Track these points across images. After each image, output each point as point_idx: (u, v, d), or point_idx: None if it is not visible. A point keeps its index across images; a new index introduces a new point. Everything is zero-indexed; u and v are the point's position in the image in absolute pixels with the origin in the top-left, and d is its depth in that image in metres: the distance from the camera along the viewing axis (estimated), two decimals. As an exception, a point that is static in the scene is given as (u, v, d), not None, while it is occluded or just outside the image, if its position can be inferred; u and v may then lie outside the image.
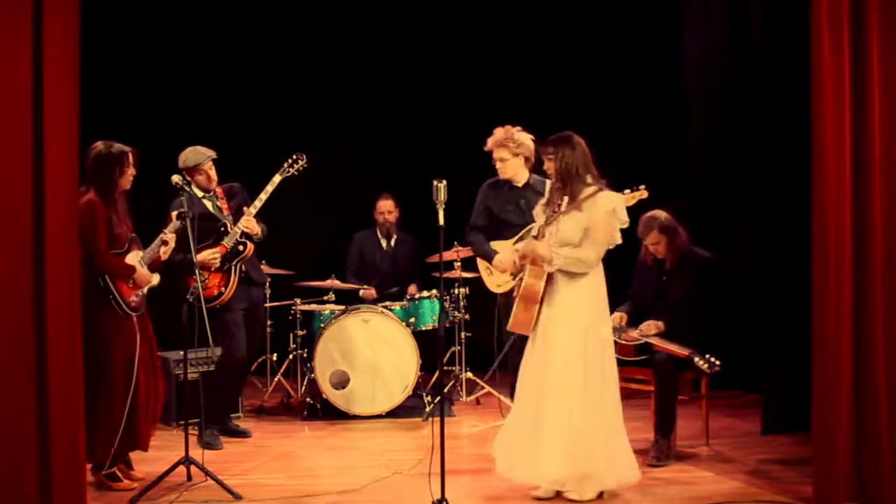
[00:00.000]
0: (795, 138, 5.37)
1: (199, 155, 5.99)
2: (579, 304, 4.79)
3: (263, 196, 6.06)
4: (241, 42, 8.40)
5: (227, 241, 6.01)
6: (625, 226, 4.88)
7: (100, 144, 5.12)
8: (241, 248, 6.06)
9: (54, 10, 4.08)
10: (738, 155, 7.26)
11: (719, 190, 7.60)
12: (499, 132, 6.34)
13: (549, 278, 4.83)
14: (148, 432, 5.17)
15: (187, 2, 8.24)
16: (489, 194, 6.48)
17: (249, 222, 6.03)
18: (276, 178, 6.10)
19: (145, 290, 5.16)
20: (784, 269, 5.98)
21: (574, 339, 4.75)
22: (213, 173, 6.04)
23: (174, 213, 5.38)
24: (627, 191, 6.07)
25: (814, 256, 4.53)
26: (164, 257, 5.32)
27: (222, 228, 6.04)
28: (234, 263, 6.04)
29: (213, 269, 5.97)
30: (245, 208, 6.08)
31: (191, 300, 5.15)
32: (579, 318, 4.76)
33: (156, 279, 5.24)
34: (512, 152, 6.30)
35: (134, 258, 5.14)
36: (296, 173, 6.18)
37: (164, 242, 5.28)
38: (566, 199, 4.86)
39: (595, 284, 4.85)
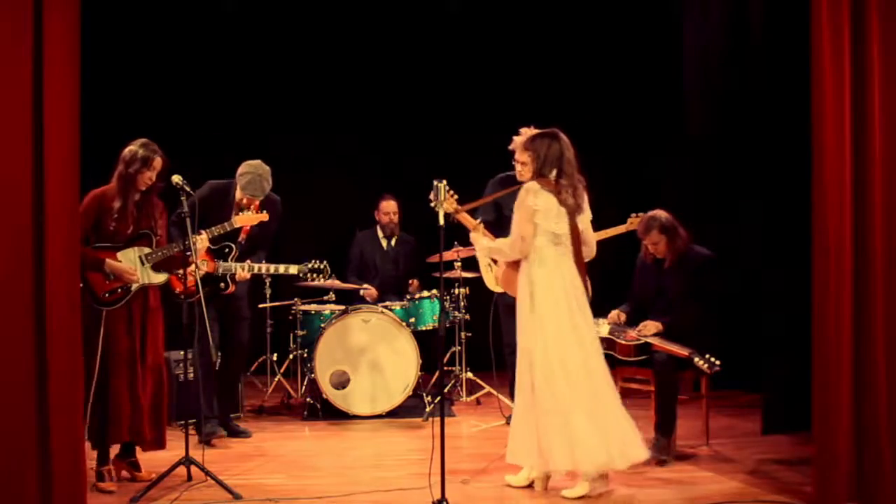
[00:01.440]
0: (795, 138, 5.37)
1: (255, 190, 5.96)
2: (520, 292, 4.97)
3: (272, 269, 6.07)
4: (245, 42, 8.41)
5: (220, 268, 5.95)
6: (538, 210, 4.82)
7: (137, 142, 5.13)
8: (221, 284, 5.97)
9: (55, 9, 4.08)
10: (738, 155, 7.26)
11: (719, 190, 7.60)
12: (522, 134, 6.28)
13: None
14: (138, 428, 5.08)
15: (190, 1, 8.25)
16: (500, 188, 6.42)
17: (243, 276, 6.00)
18: (292, 269, 6.10)
19: (133, 287, 5.09)
20: (784, 268, 5.98)
21: (519, 327, 4.96)
22: (256, 203, 6.02)
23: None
24: (641, 214, 6.03)
25: (814, 256, 4.53)
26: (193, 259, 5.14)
27: (226, 250, 5.99)
28: (205, 290, 5.92)
29: (192, 272, 5.88)
30: (249, 261, 6.01)
31: (178, 274, 5.21)
32: (520, 306, 4.96)
33: (155, 278, 5.16)
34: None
35: (128, 254, 5.12)
36: (310, 280, 6.13)
37: (182, 245, 5.13)
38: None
39: (532, 267, 4.91)
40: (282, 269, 6.06)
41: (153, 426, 5.14)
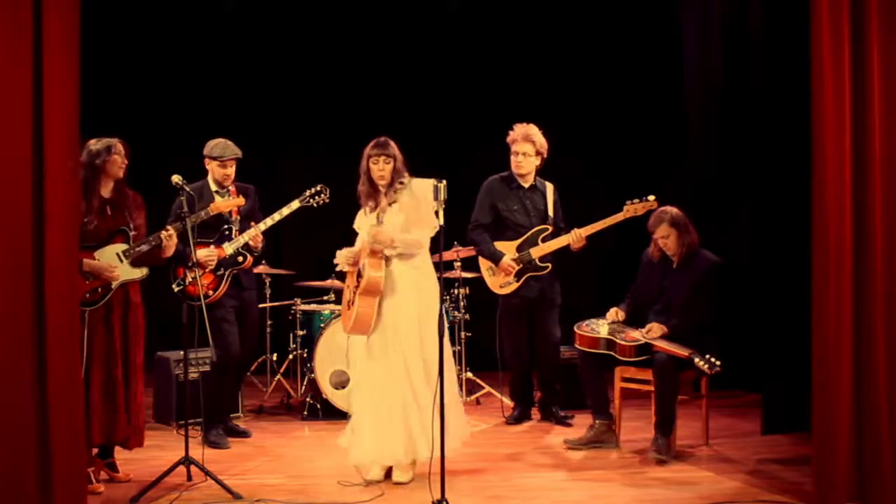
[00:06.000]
0: (796, 138, 5.38)
1: (225, 150, 5.99)
2: (414, 289, 5.09)
3: (277, 216, 6.02)
4: (245, 42, 8.40)
5: (228, 248, 5.94)
6: (439, 208, 4.72)
7: (89, 142, 5.09)
8: (240, 258, 5.99)
9: (54, 9, 4.08)
10: (738, 155, 7.26)
11: (719, 190, 7.60)
12: (522, 127, 6.32)
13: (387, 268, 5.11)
14: (107, 429, 5.03)
15: (192, 1, 8.25)
16: (496, 190, 6.42)
17: (257, 238, 5.97)
18: (294, 204, 6.05)
19: (113, 285, 5.04)
20: (784, 268, 5.98)
21: (411, 323, 5.05)
22: (231, 171, 6.02)
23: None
24: (636, 200, 6.06)
25: (814, 256, 4.53)
26: (166, 253, 5.21)
27: (226, 231, 5.99)
28: (227, 272, 5.98)
29: (207, 269, 5.92)
30: (252, 224, 5.99)
31: (175, 290, 5.35)
32: (414, 303, 5.08)
33: (133, 273, 5.10)
34: (536, 149, 6.31)
35: (110, 251, 5.08)
36: (315, 205, 6.13)
37: (160, 239, 5.15)
38: (388, 197, 5.19)
39: (425, 265, 5.16)
40: (285, 211, 6.05)
41: (128, 424, 5.09)
